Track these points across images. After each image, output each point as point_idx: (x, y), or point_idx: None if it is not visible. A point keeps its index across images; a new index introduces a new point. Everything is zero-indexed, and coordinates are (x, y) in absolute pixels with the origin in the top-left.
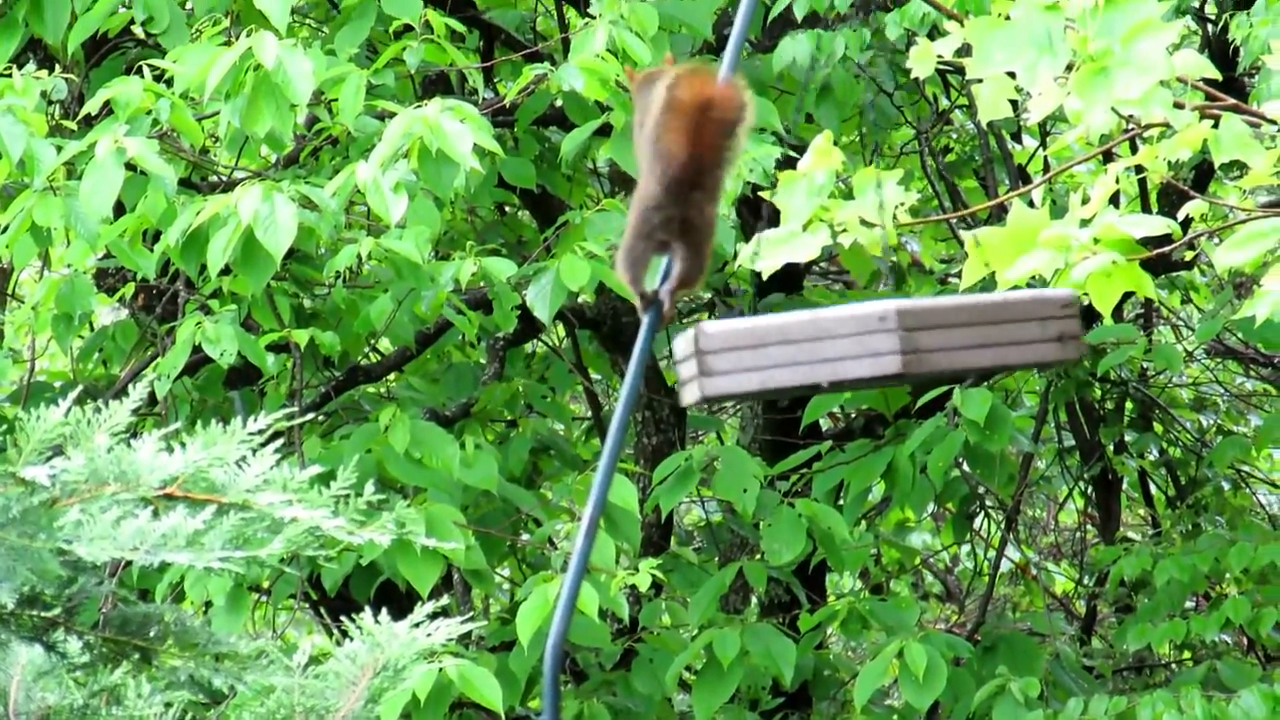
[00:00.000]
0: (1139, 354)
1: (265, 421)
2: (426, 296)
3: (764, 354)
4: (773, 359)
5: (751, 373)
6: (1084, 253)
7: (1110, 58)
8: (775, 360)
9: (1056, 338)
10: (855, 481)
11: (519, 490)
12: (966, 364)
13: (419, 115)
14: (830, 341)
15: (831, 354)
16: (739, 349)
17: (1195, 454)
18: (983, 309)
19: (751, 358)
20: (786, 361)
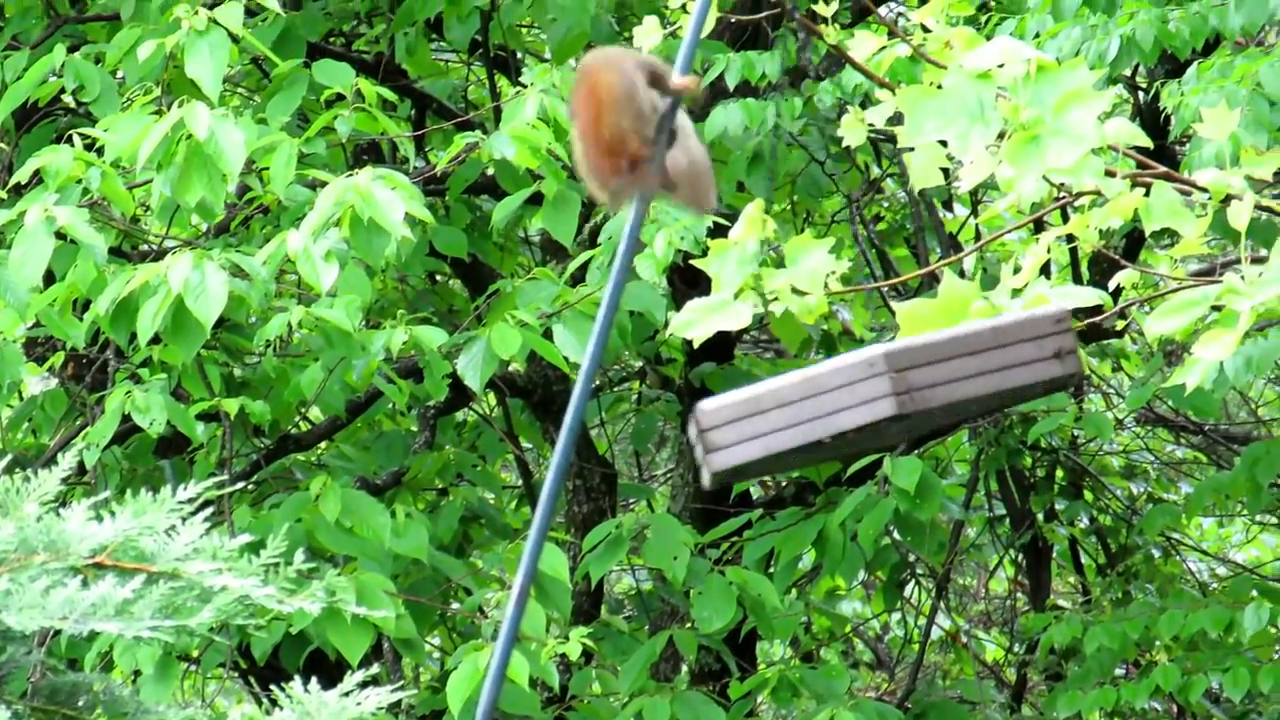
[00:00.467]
0: (1070, 422)
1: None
2: (357, 365)
3: (763, 420)
4: (772, 424)
5: (753, 441)
6: None
7: (1042, 126)
8: (775, 425)
9: (1054, 354)
10: (786, 549)
11: (449, 559)
12: (966, 394)
13: (350, 184)
14: (824, 396)
15: (827, 408)
16: (738, 420)
17: (1126, 521)
18: (974, 338)
19: (751, 426)
20: (785, 424)
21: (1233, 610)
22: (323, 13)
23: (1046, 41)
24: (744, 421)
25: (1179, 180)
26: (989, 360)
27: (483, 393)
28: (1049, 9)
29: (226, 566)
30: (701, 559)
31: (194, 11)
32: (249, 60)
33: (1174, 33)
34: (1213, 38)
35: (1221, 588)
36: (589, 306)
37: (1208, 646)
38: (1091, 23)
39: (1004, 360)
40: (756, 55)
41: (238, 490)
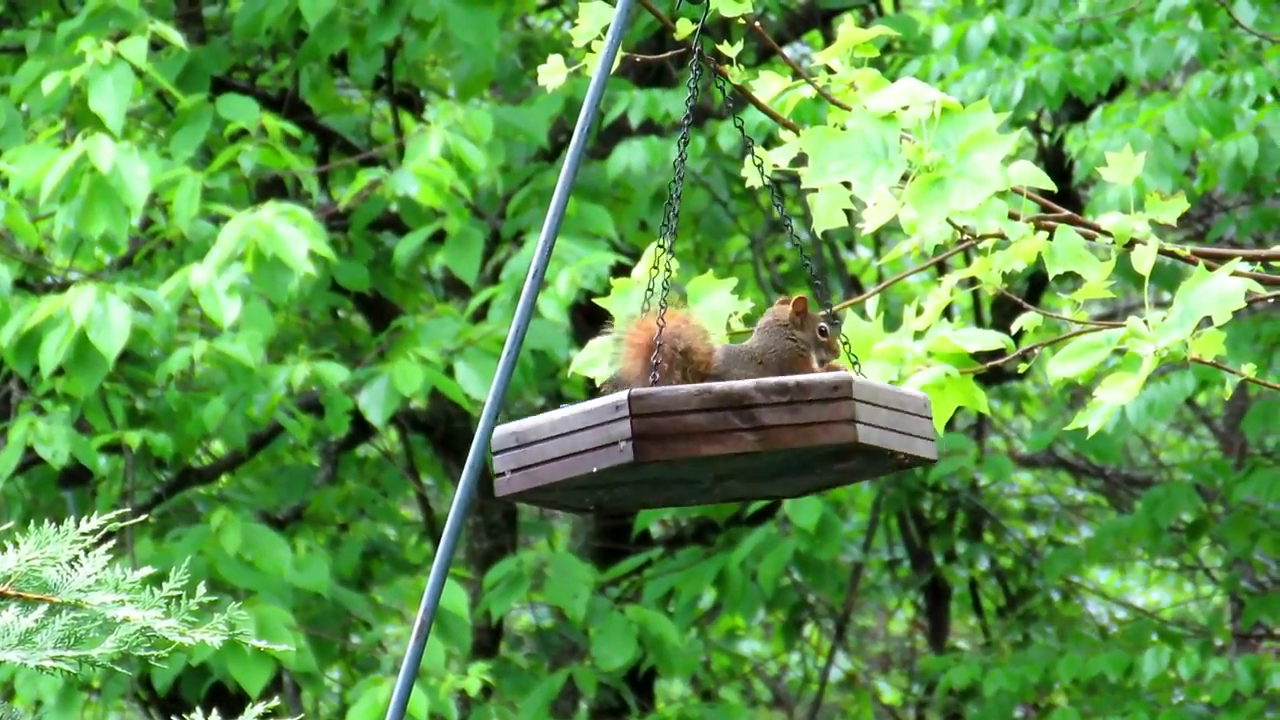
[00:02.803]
0: (970, 464)
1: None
2: (259, 400)
3: (525, 454)
4: (534, 458)
5: (886, 432)
6: (917, 365)
7: (946, 169)
8: (535, 459)
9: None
10: (686, 588)
11: (350, 593)
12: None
13: (254, 219)
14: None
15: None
16: (507, 451)
17: (1026, 564)
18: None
19: (882, 417)
20: (891, 426)
21: (1132, 654)
22: (227, 47)
23: (951, 84)
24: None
25: (1083, 224)
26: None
27: (385, 428)
28: (954, 51)
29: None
30: (602, 597)
31: (99, 45)
32: (153, 94)
33: (1079, 77)
34: (1118, 82)
35: (1121, 631)
36: (491, 344)
37: (1107, 690)
38: (996, 65)
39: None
40: (660, 94)
41: (140, 522)
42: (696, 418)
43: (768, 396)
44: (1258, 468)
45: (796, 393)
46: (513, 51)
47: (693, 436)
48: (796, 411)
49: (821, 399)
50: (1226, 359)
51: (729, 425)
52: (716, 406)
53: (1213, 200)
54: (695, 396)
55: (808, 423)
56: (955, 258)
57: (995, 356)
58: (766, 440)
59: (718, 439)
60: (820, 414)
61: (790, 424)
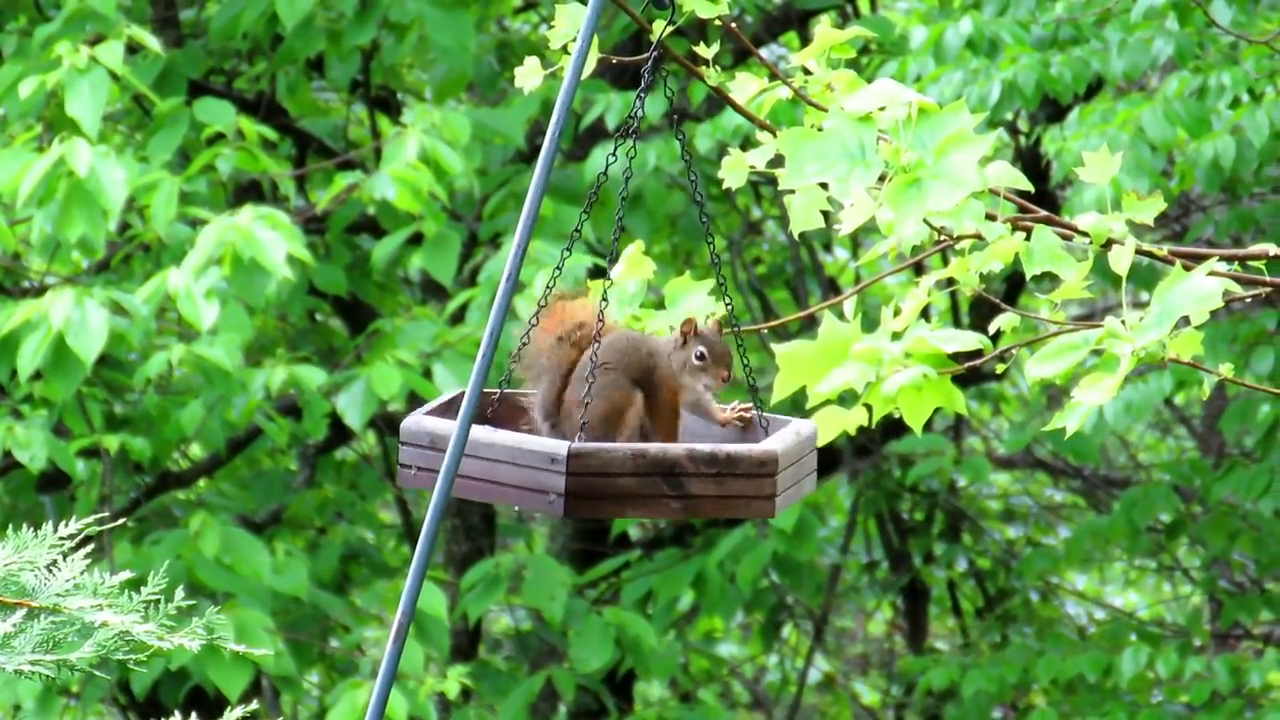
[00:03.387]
0: (948, 465)
1: (76, 526)
2: (237, 403)
3: (440, 459)
4: (789, 480)
5: (788, 493)
6: (895, 366)
7: (923, 169)
8: (789, 481)
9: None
10: (664, 590)
11: (329, 597)
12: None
13: (232, 223)
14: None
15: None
16: (421, 448)
17: (1004, 565)
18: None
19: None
20: (791, 483)
21: (1110, 654)
22: (204, 51)
23: (928, 84)
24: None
25: (1060, 224)
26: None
27: (363, 431)
28: (931, 52)
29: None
30: (580, 599)
31: (75, 50)
32: (130, 98)
33: (1056, 77)
34: (1094, 82)
35: (1100, 631)
36: (468, 346)
37: (1086, 690)
38: (973, 66)
39: None
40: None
41: (118, 526)
42: (629, 481)
43: (697, 467)
44: (1236, 467)
45: (725, 465)
46: (489, 54)
47: (621, 499)
48: (722, 484)
49: (747, 474)
50: (1204, 359)
51: (657, 491)
52: (649, 472)
53: (1190, 200)
54: (630, 460)
55: (730, 495)
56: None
57: (973, 357)
58: (688, 509)
59: (644, 503)
60: (744, 489)
61: (714, 495)
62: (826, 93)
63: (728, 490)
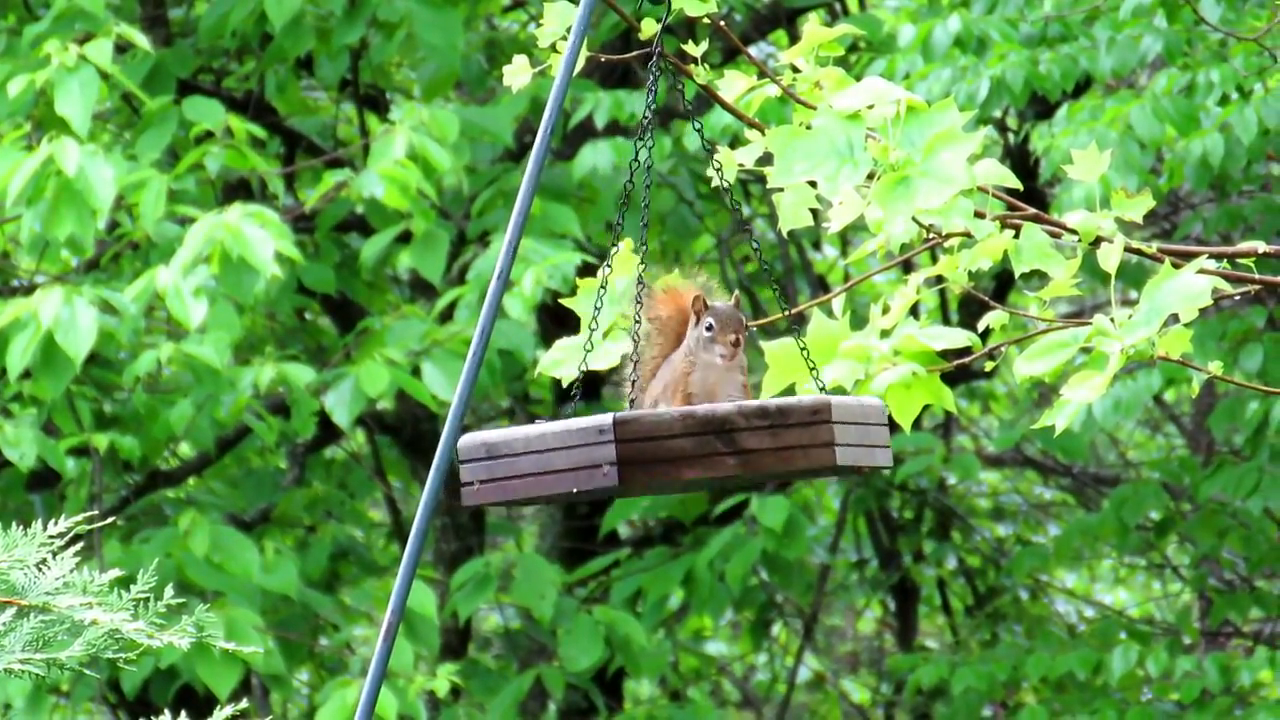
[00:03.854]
0: (938, 463)
1: (65, 525)
2: (226, 401)
3: (862, 432)
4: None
5: (860, 449)
6: (884, 364)
7: (911, 167)
8: (858, 439)
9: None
10: (654, 588)
11: (318, 595)
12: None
13: (220, 221)
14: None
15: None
16: (854, 424)
17: (993, 563)
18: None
19: (856, 433)
20: (858, 441)
21: (1100, 652)
22: (193, 50)
23: (916, 82)
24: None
25: (1049, 222)
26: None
27: (351, 430)
28: (919, 50)
29: (97, 601)
30: (569, 598)
31: (64, 48)
32: (119, 97)
33: (1044, 75)
34: (1083, 80)
35: (1089, 629)
36: (457, 345)
37: (1076, 688)
38: (962, 64)
39: None
40: (625, 94)
41: (108, 525)
42: (681, 442)
43: (749, 420)
44: (1225, 465)
45: (777, 417)
46: (478, 52)
47: (676, 461)
48: (777, 436)
49: (801, 423)
50: (1193, 357)
51: (712, 449)
52: (700, 431)
53: (1179, 198)
54: (679, 421)
55: (787, 446)
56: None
57: (962, 355)
58: (748, 465)
59: (700, 463)
60: (800, 438)
61: (771, 448)
62: (815, 91)
63: (784, 441)
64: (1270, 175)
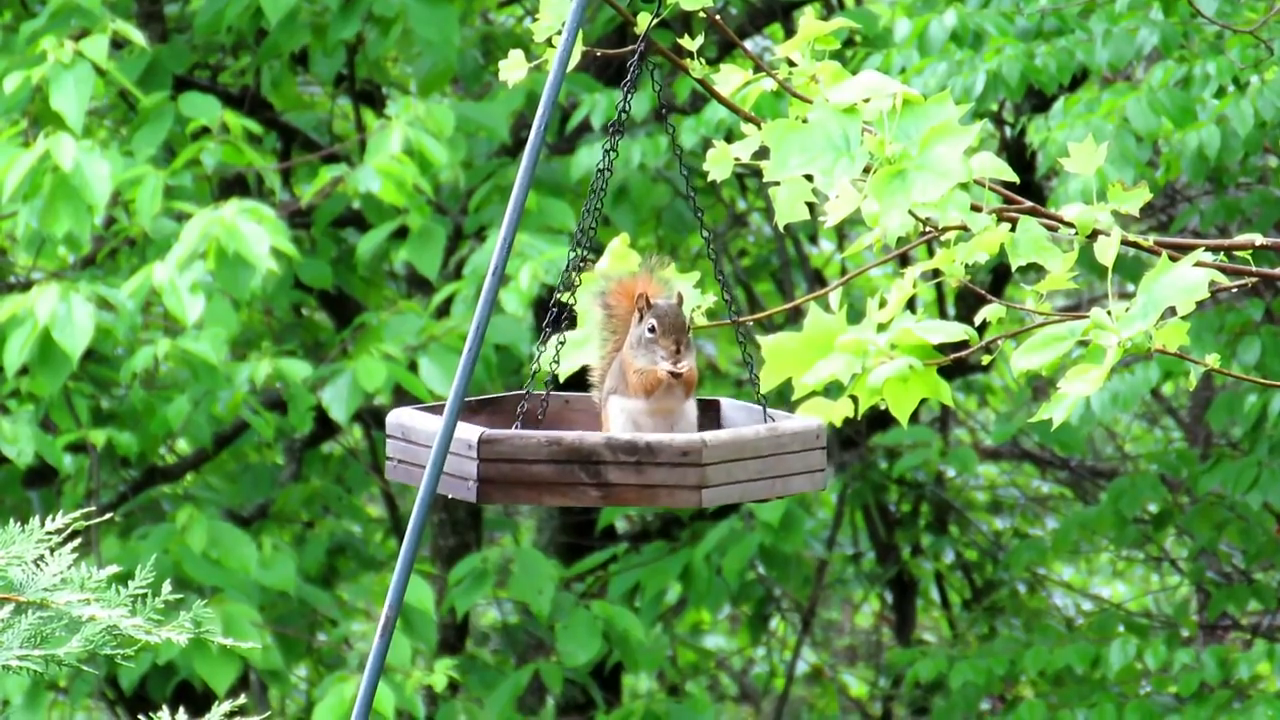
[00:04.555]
0: (935, 456)
1: (63, 521)
2: (223, 397)
3: (745, 467)
4: (749, 472)
5: (735, 486)
6: (881, 358)
7: (908, 161)
8: (751, 474)
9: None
10: (651, 583)
11: (316, 591)
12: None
13: (216, 217)
14: (788, 457)
15: (784, 469)
16: (730, 461)
17: (991, 557)
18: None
19: (738, 470)
20: (757, 475)
21: (1098, 646)
22: (189, 45)
23: (913, 76)
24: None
25: (1045, 215)
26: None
27: (348, 425)
28: (915, 44)
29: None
30: (567, 593)
31: (60, 44)
32: (115, 93)
33: (1040, 68)
34: (1079, 73)
35: (1087, 623)
36: (454, 339)
37: (1074, 682)
38: (958, 58)
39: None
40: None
41: (105, 521)
42: (543, 468)
43: (616, 455)
44: (1223, 458)
45: (645, 454)
46: (474, 47)
47: (537, 486)
48: (642, 473)
49: (669, 463)
50: (1190, 350)
51: (574, 479)
52: (565, 459)
53: (1175, 191)
54: (545, 447)
55: (651, 485)
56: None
57: (959, 349)
58: (609, 498)
59: (561, 491)
60: (666, 478)
61: (635, 484)
62: (811, 85)
63: (649, 479)
64: (1267, 168)
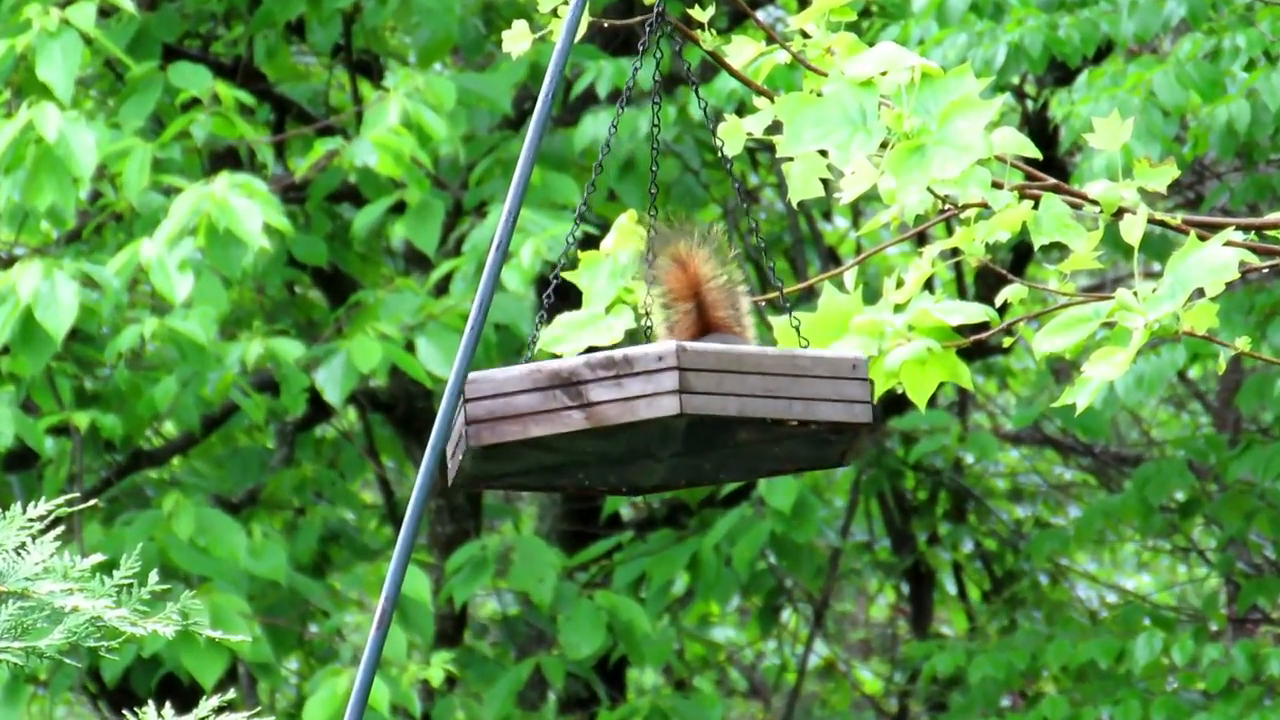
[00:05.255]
0: (954, 442)
1: (45, 508)
2: (212, 378)
3: (743, 381)
4: (750, 388)
5: (730, 397)
6: (898, 339)
7: (926, 136)
8: (752, 389)
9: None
10: (658, 573)
11: (308, 581)
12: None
13: (206, 192)
14: (806, 380)
15: (807, 392)
16: (721, 371)
17: (1011, 547)
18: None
19: (733, 382)
20: (763, 392)
21: (1123, 639)
22: (179, 14)
23: (931, 48)
24: (727, 375)
25: (1069, 192)
26: (780, 385)
27: (343, 408)
28: (934, 15)
29: (77, 586)
30: (570, 583)
31: (45, 12)
32: (103, 62)
33: (1064, 39)
34: (1104, 45)
35: (1111, 616)
36: (453, 319)
37: (1097, 677)
38: (978, 29)
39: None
40: (629, 62)
41: (89, 507)
42: (527, 398)
43: (595, 372)
44: (1253, 444)
45: (623, 366)
46: (475, 16)
47: (522, 418)
48: (621, 386)
49: (646, 370)
50: (1219, 332)
51: (558, 404)
52: (546, 385)
53: (1204, 166)
54: (527, 376)
55: (630, 397)
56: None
57: (979, 330)
58: (593, 417)
59: (546, 418)
60: (644, 387)
61: (616, 399)
62: (826, 57)
63: (628, 391)
64: None
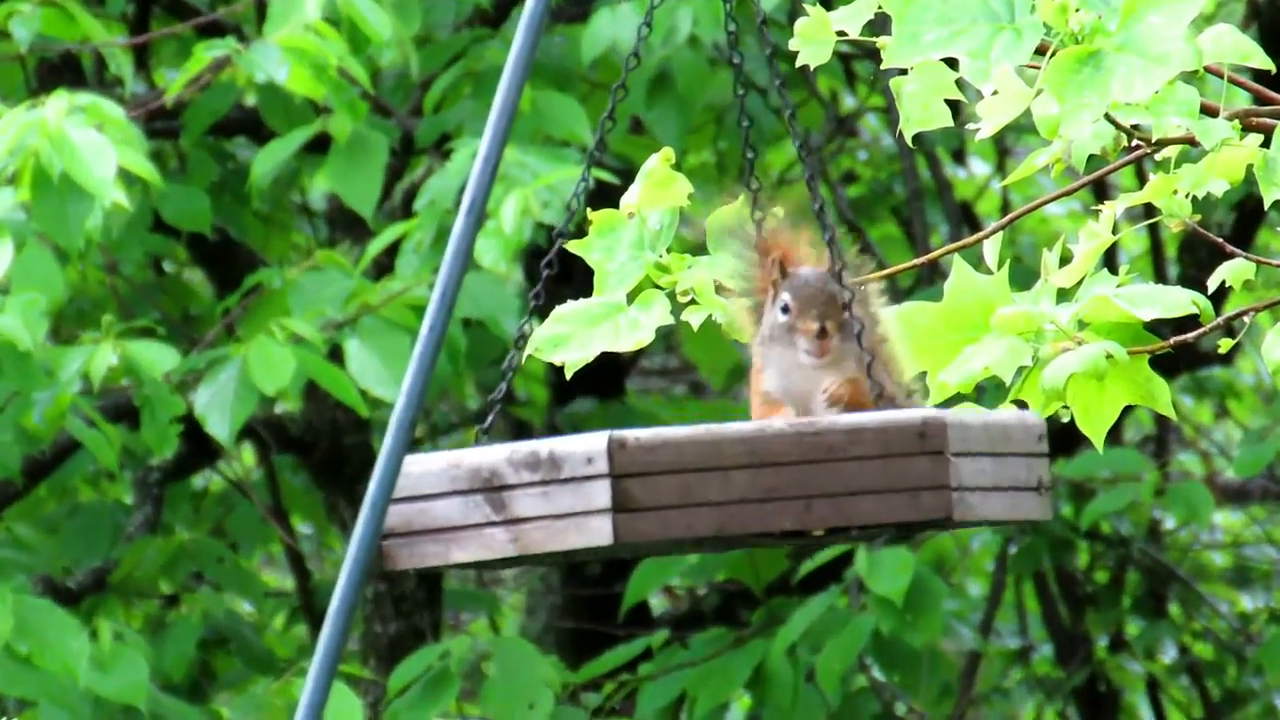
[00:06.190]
0: (1147, 497)
1: None
2: (41, 401)
3: (726, 482)
4: (737, 490)
5: (700, 510)
6: (1062, 341)
7: (1104, 38)
8: (743, 492)
9: None
10: (704, 693)
11: (180, 705)
12: None
13: (33, 120)
14: (834, 468)
15: (835, 485)
16: (684, 473)
17: (1235, 654)
18: None
19: (707, 486)
20: (762, 494)
21: None
22: None
23: None
24: (691, 478)
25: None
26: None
27: (234, 446)
28: None
29: None
30: (575, 708)
31: None
32: None
33: None
34: None
35: None
36: (400, 312)
37: None
38: None
39: None
40: None
41: None
42: (447, 505)
43: (519, 473)
44: None
45: (548, 468)
46: None
47: (443, 534)
48: (549, 498)
49: (573, 477)
50: None
51: (481, 518)
52: (467, 488)
53: None
54: (446, 473)
55: (560, 515)
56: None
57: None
58: (520, 541)
59: (469, 538)
60: (573, 502)
61: (544, 515)
62: None
63: (555, 506)
64: None
